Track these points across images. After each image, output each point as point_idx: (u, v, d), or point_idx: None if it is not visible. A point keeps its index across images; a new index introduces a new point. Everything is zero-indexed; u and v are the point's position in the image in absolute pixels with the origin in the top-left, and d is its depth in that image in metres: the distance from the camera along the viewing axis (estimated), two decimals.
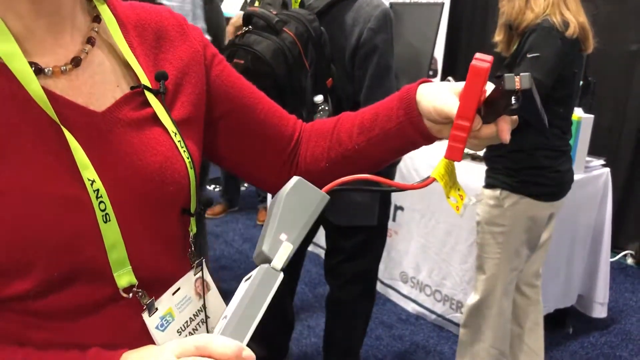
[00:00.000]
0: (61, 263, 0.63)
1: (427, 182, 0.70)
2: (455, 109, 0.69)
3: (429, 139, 0.78)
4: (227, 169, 0.92)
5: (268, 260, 0.60)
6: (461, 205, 0.74)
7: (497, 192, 2.07)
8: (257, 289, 0.57)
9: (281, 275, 0.59)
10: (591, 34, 1.99)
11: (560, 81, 1.94)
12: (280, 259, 0.60)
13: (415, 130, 0.77)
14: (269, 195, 3.91)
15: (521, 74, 0.61)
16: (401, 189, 0.71)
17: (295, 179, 0.65)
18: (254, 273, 0.60)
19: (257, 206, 4.39)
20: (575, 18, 1.93)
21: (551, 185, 2.06)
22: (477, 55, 0.66)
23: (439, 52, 4.65)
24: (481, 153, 2.40)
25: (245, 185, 5.03)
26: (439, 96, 0.72)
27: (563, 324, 2.92)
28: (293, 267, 2.24)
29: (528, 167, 2.03)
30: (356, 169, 0.84)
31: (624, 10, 3.78)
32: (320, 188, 0.66)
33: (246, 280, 0.62)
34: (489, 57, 0.66)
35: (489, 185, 2.12)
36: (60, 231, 0.61)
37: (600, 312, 2.91)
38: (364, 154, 0.83)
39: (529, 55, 1.91)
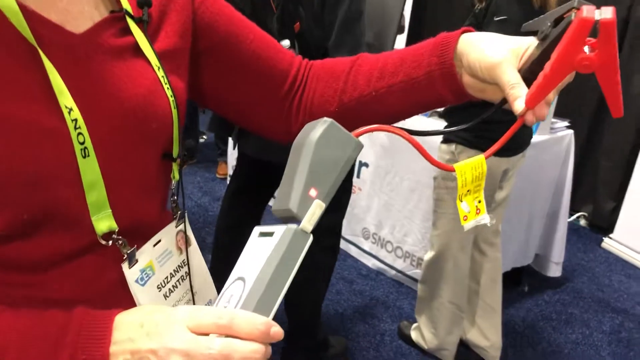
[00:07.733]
0: (32, 203, 0.54)
1: (447, 167, 0.64)
2: (509, 71, 0.61)
3: (461, 96, 0.69)
4: (217, 111, 0.83)
5: (295, 220, 0.51)
6: (471, 219, 0.65)
7: (453, 146, 2.06)
8: (285, 254, 0.49)
9: (311, 238, 0.51)
10: None
11: None
12: (310, 219, 0.51)
13: (445, 84, 0.67)
14: (230, 149, 3.82)
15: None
16: (428, 159, 0.65)
17: (326, 121, 0.54)
18: (277, 231, 0.52)
19: (217, 159, 4.28)
20: None
21: None
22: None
23: (407, 9, 4.58)
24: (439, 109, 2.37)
25: (204, 137, 4.90)
26: (493, 51, 0.62)
27: (519, 282, 2.99)
28: (260, 207, 2.19)
29: (484, 122, 2.00)
30: (371, 118, 0.73)
31: None
32: None
33: (262, 235, 0.54)
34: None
35: (445, 140, 2.11)
36: (32, 163, 0.53)
37: (555, 271, 2.99)
38: (381, 102, 0.72)
39: (496, 19, 1.86)
